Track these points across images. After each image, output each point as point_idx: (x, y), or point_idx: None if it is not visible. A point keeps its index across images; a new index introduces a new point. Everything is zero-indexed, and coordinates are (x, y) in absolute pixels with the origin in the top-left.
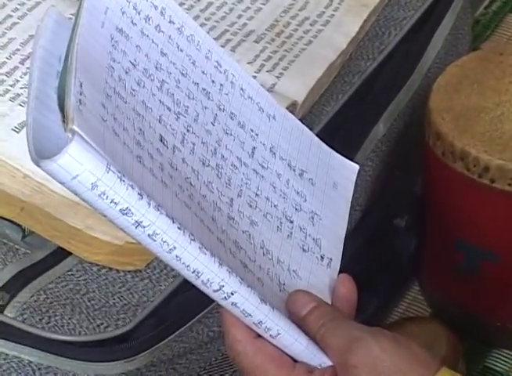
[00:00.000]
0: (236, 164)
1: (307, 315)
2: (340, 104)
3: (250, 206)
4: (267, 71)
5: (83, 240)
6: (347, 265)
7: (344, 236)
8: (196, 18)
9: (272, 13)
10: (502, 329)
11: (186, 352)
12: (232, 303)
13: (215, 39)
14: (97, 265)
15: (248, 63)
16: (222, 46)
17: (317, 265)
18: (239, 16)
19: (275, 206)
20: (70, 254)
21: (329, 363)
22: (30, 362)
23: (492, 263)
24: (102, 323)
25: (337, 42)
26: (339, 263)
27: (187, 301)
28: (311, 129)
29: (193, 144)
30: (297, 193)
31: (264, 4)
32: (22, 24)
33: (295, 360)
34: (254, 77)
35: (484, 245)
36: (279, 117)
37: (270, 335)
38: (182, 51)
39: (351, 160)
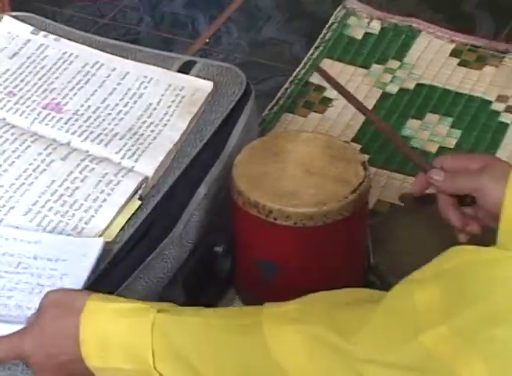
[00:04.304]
0: (3, 275)
1: None
2: (176, 176)
3: (9, 290)
4: (128, 158)
5: None
6: (185, 279)
7: (86, 277)
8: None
9: (130, 121)
10: None
11: None
12: None
13: (94, 140)
14: None
15: (116, 153)
16: (99, 144)
17: None
18: (109, 124)
19: (27, 283)
20: None
21: None
22: None
23: (280, 272)
24: None
25: (172, 137)
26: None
27: None
28: (158, 193)
29: None
30: (52, 270)
31: (124, 115)
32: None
33: None
34: (119, 162)
35: (273, 261)
36: (42, 240)
37: None
38: None
39: (182, 212)
